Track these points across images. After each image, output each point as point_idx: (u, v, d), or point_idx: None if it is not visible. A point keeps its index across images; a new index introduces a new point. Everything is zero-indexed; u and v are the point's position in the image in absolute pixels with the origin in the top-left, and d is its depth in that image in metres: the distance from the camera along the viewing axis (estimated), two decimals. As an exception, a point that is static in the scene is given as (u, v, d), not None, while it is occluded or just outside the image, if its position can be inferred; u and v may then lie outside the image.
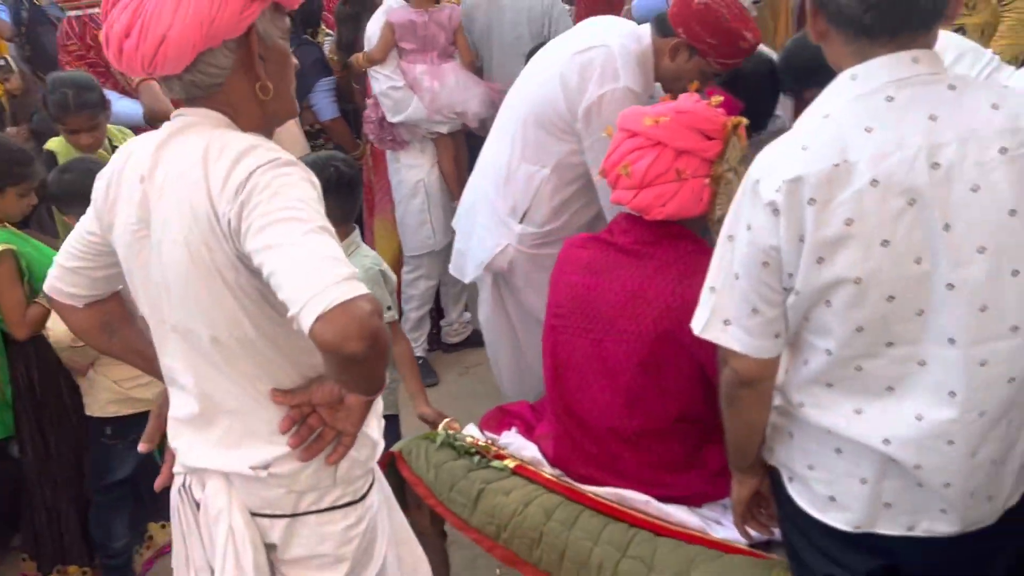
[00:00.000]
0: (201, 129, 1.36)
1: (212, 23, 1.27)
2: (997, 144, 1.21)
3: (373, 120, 3.65)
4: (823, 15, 1.31)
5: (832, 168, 1.23)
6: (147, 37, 1.27)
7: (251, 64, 1.36)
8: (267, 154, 1.29)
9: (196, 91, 1.36)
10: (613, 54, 2.40)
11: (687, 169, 1.95)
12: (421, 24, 3.49)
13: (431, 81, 3.56)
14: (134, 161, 1.42)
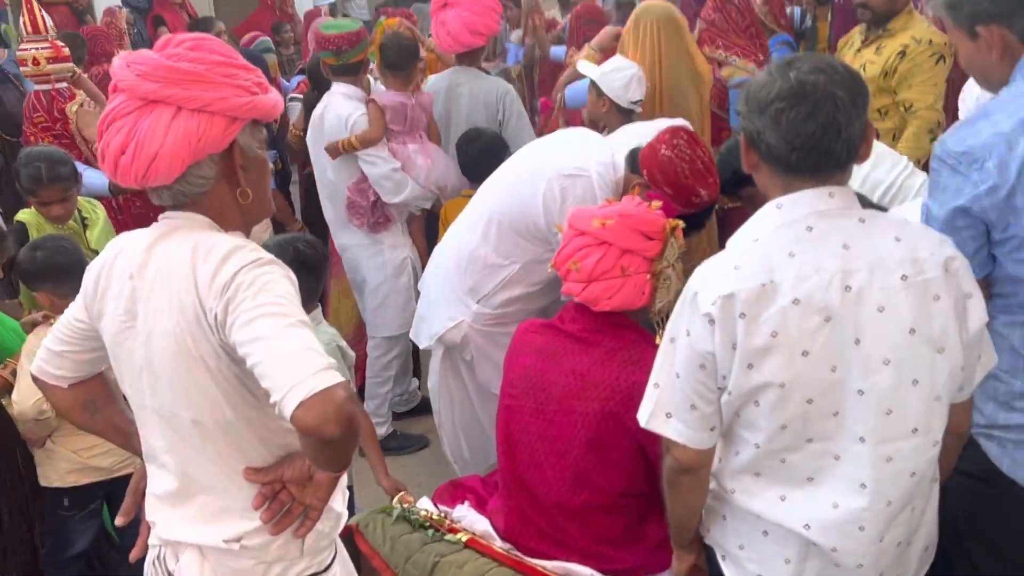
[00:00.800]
0: (188, 231, 1.50)
1: (199, 141, 1.42)
2: (899, 272, 1.42)
3: (363, 205, 3.62)
4: (755, 151, 1.51)
5: (760, 287, 1.42)
6: (140, 155, 1.41)
7: (233, 173, 1.51)
8: (251, 254, 1.44)
9: (183, 198, 1.51)
10: (593, 185, 2.57)
11: (630, 266, 2.13)
12: (410, 106, 3.58)
13: (424, 159, 3.64)
14: (124, 259, 1.54)
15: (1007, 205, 1.59)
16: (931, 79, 3.26)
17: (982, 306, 1.48)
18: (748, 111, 1.50)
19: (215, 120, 1.43)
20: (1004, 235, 1.63)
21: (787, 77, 1.44)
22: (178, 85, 1.40)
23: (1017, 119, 1.59)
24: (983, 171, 1.60)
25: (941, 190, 1.68)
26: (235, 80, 1.45)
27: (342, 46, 3.53)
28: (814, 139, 1.42)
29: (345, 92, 3.61)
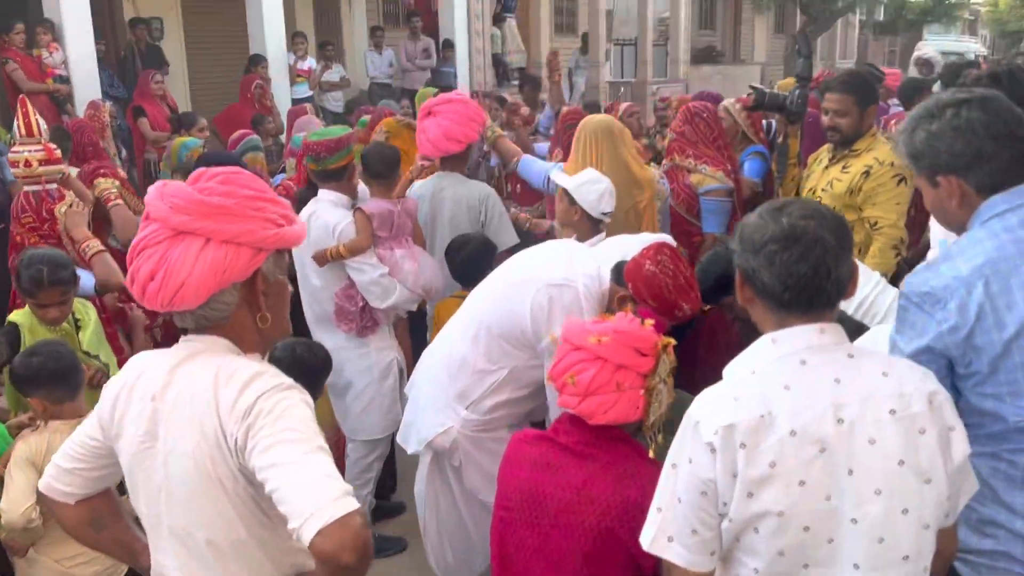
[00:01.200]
0: (210, 355, 1.56)
1: (225, 272, 1.50)
2: (888, 406, 1.53)
3: (352, 311, 3.65)
4: (751, 287, 1.63)
5: (759, 419, 1.51)
6: (169, 282, 1.49)
7: (255, 300, 1.59)
8: (271, 380, 1.50)
9: (205, 322, 1.58)
10: (580, 296, 2.66)
11: (625, 382, 2.22)
12: (396, 213, 3.68)
13: (411, 263, 3.70)
14: (146, 380, 1.60)
15: (968, 344, 1.71)
16: (894, 198, 3.46)
17: (964, 438, 1.58)
18: (743, 250, 1.62)
19: (242, 251, 1.51)
20: (967, 371, 1.74)
21: (779, 222, 1.57)
22: (208, 218, 1.49)
23: (974, 265, 1.72)
24: (945, 311, 1.72)
25: (909, 326, 1.80)
26: (263, 213, 1.54)
27: (320, 153, 3.60)
28: (806, 279, 1.54)
29: (331, 200, 3.67)
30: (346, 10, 12.82)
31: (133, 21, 9.57)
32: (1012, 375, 1.70)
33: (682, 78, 17.32)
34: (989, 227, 1.76)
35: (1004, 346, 1.69)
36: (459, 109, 4.03)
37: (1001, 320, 1.69)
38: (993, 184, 1.77)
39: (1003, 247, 1.72)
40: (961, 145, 1.77)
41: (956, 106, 1.79)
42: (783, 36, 23.83)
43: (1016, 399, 1.71)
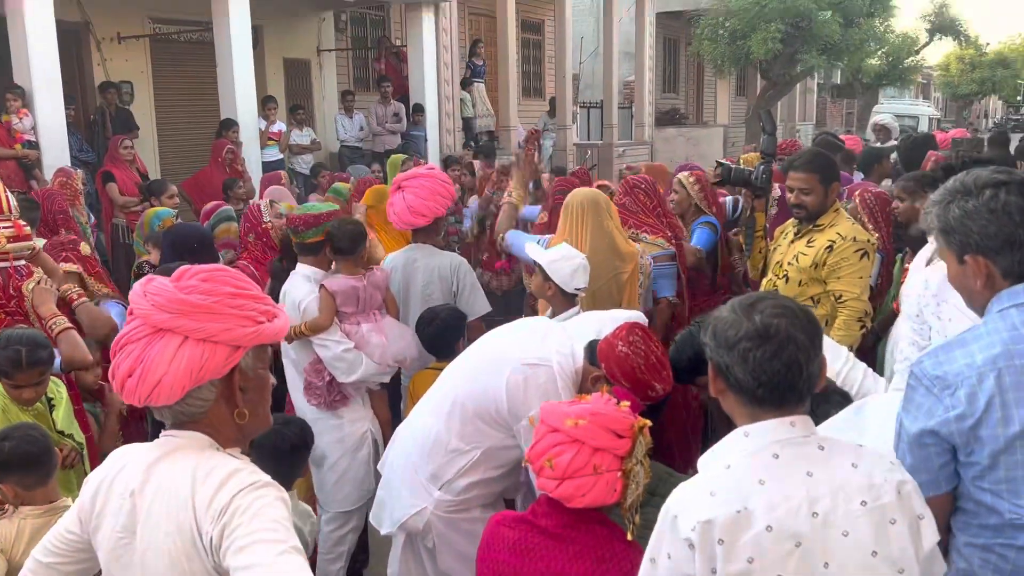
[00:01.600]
0: (188, 451, 1.57)
1: (201, 370, 1.52)
2: (859, 498, 1.57)
3: (319, 386, 3.68)
4: (724, 381, 1.67)
5: (736, 514, 1.55)
6: (146, 379, 1.51)
7: (232, 396, 1.61)
8: (248, 478, 1.51)
9: (183, 417, 1.59)
10: (554, 375, 2.68)
11: (602, 464, 2.24)
12: (361, 288, 3.70)
13: (378, 337, 3.72)
14: (125, 475, 1.60)
15: (972, 434, 1.71)
16: (856, 272, 3.57)
17: (933, 526, 1.63)
18: (716, 345, 1.67)
19: (219, 349, 1.53)
20: (968, 460, 1.74)
21: (752, 319, 1.62)
22: (187, 316, 1.52)
23: (989, 355, 1.71)
24: (954, 398, 1.71)
25: (916, 407, 1.79)
26: (243, 311, 1.57)
27: (299, 227, 3.68)
28: (779, 377, 1.59)
29: (306, 274, 3.72)
30: (317, 74, 13.00)
31: (104, 85, 9.62)
32: (1012, 472, 1.69)
33: (647, 140, 17.71)
34: (1008, 316, 1.74)
35: (1007, 442, 1.68)
36: (425, 184, 4.12)
37: (1009, 415, 1.67)
38: (1020, 272, 1.76)
39: (1019, 340, 1.70)
40: (995, 228, 1.74)
41: (995, 187, 1.76)
42: (744, 99, 24.52)
43: (1014, 496, 1.70)
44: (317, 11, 12.65)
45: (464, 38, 14.28)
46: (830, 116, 29.67)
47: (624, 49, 18.52)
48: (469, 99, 13.37)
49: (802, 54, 18.81)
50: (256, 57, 10.52)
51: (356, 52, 13.80)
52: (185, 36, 11.11)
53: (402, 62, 12.57)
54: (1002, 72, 40.70)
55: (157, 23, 10.78)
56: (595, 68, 19.10)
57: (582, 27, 20.03)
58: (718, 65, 19.73)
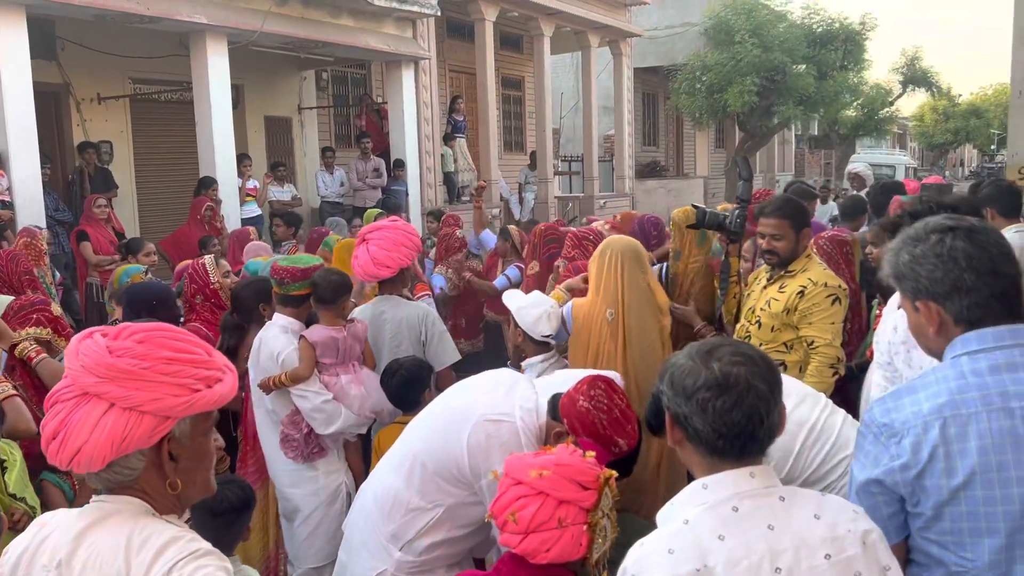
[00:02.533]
0: (122, 518, 1.47)
1: (123, 441, 1.43)
2: (823, 551, 1.51)
3: (297, 438, 3.62)
4: (681, 430, 1.62)
5: (694, 572, 1.48)
6: (67, 445, 1.43)
7: (161, 466, 1.50)
8: (187, 546, 1.43)
9: (113, 484, 1.50)
10: (517, 431, 2.57)
11: (567, 517, 2.17)
12: (341, 339, 3.67)
13: (357, 388, 3.70)
14: (51, 546, 1.50)
15: (917, 483, 1.66)
16: (828, 318, 3.54)
17: None
18: (674, 395, 1.61)
19: (144, 419, 1.44)
20: (915, 510, 1.69)
21: (710, 367, 1.56)
22: (115, 382, 1.43)
23: (935, 404, 1.67)
24: (900, 447, 1.67)
25: (864, 454, 1.75)
26: (177, 378, 1.47)
27: (284, 278, 3.67)
28: (740, 427, 1.54)
29: (283, 325, 3.70)
30: (298, 131, 13.09)
31: (82, 145, 9.63)
32: (957, 524, 1.64)
33: (628, 192, 17.86)
34: (957, 364, 1.70)
35: (951, 492, 1.63)
36: (389, 236, 4.11)
37: (952, 466, 1.63)
38: (970, 318, 1.71)
39: (966, 389, 1.66)
40: (941, 272, 1.72)
41: (942, 232, 1.74)
42: (723, 151, 24.87)
43: (960, 549, 1.65)
44: (298, 70, 12.79)
45: (445, 94, 14.45)
46: (808, 166, 30.10)
47: (604, 104, 18.81)
48: (450, 154, 13.48)
49: (778, 106, 19.19)
50: (237, 115, 10.61)
51: (337, 109, 13.93)
52: (165, 96, 11.18)
53: (383, 119, 12.69)
54: (975, 122, 41.56)
55: (138, 83, 10.86)
56: (575, 123, 19.37)
57: (562, 83, 20.37)
58: (696, 118, 20.07)
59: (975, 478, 1.62)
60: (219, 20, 8.94)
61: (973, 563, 1.64)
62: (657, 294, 3.80)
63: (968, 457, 1.62)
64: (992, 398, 1.64)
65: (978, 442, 1.62)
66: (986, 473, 1.61)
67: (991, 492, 1.61)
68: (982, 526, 1.63)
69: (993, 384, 1.65)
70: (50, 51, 9.55)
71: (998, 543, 1.61)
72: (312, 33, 10.14)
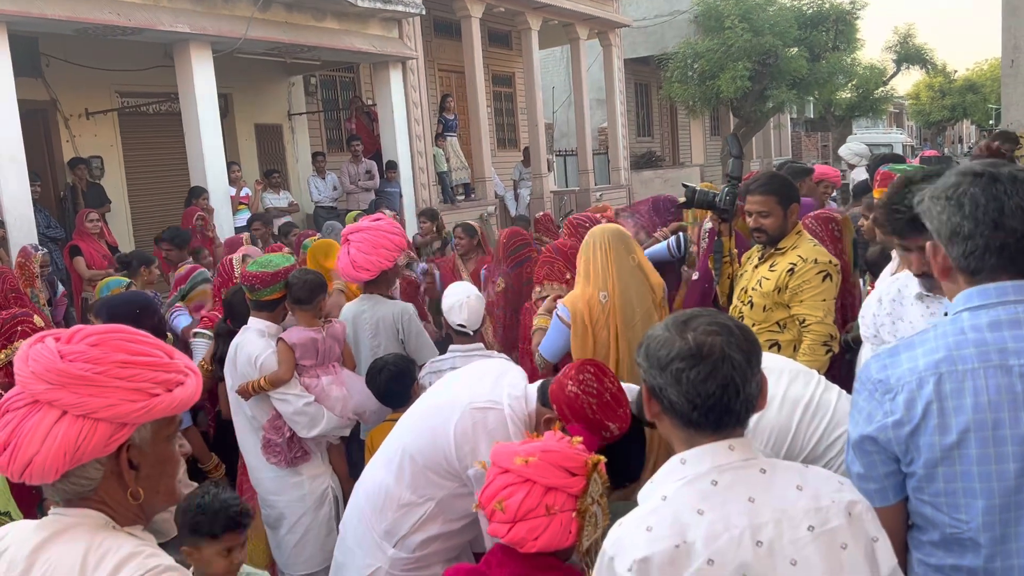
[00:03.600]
0: (79, 532, 1.40)
1: (77, 451, 1.36)
2: (805, 523, 1.46)
3: (279, 443, 3.54)
4: (657, 403, 1.57)
5: (674, 549, 1.43)
6: (17, 457, 1.36)
7: (121, 475, 1.43)
8: (146, 562, 1.35)
9: (70, 495, 1.42)
10: (505, 419, 2.53)
11: (555, 504, 2.12)
12: (320, 340, 3.61)
13: (339, 389, 3.64)
14: (5, 561, 1.43)
15: (910, 441, 1.62)
16: (819, 295, 3.47)
17: (890, 548, 1.51)
18: (649, 366, 1.56)
19: (99, 427, 1.37)
20: (909, 469, 1.65)
21: (685, 337, 1.52)
22: (66, 388, 1.36)
23: (932, 360, 1.62)
24: (894, 403, 1.63)
25: (857, 411, 1.71)
26: (133, 383, 1.40)
27: (255, 284, 3.57)
28: (714, 399, 1.49)
29: (260, 329, 3.62)
30: (289, 137, 13.05)
31: (73, 161, 9.60)
32: (950, 484, 1.60)
33: (624, 183, 17.80)
34: (957, 320, 1.65)
35: (944, 451, 1.59)
36: (368, 238, 4.06)
37: (946, 423, 1.58)
38: (968, 268, 1.66)
39: (964, 345, 1.61)
40: (947, 215, 1.67)
41: (964, 176, 1.68)
42: (719, 138, 24.80)
43: (953, 511, 1.61)
44: (286, 76, 12.75)
45: (435, 94, 14.40)
46: (805, 150, 30.00)
47: (596, 96, 18.76)
48: (442, 154, 13.43)
49: (772, 90, 19.11)
50: (226, 124, 10.58)
51: (328, 114, 13.89)
52: (153, 108, 11.15)
53: (373, 121, 12.64)
54: (971, 97, 41.40)
55: (125, 97, 10.83)
56: (568, 116, 19.31)
57: (552, 77, 20.31)
58: (690, 106, 20.01)
59: (969, 436, 1.57)
60: (202, 28, 8.89)
61: (967, 525, 1.59)
62: (649, 274, 3.77)
63: (962, 414, 1.57)
64: (990, 355, 1.59)
65: (973, 399, 1.57)
66: (981, 431, 1.56)
67: (985, 451, 1.56)
68: (976, 486, 1.58)
69: (992, 340, 1.60)
70: (35, 68, 9.53)
71: (991, 504, 1.56)
72: (297, 37, 10.09)
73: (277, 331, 3.64)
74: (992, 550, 1.58)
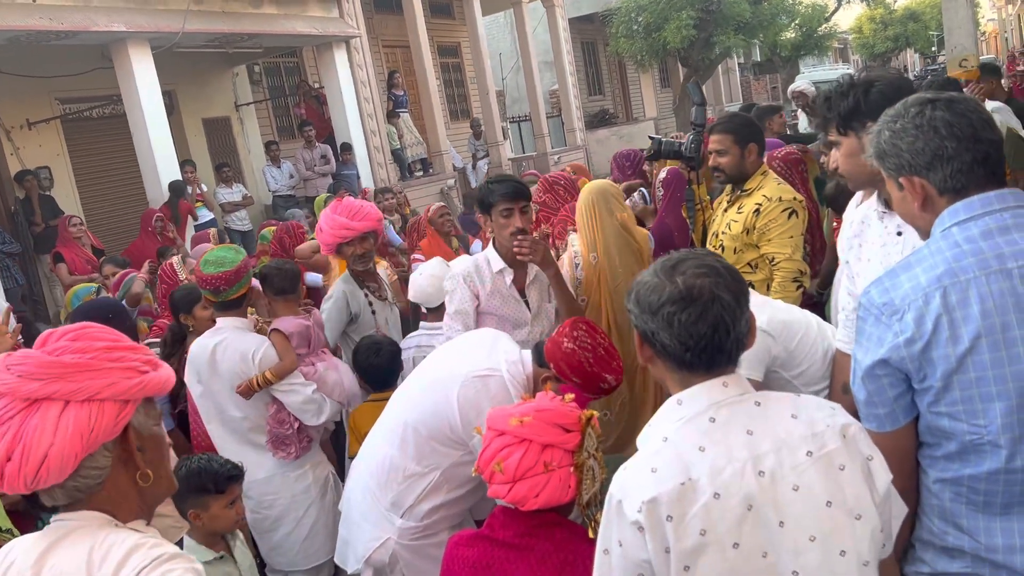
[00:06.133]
0: (82, 534, 1.40)
1: (91, 432, 1.37)
2: (803, 449, 1.49)
3: (288, 435, 3.45)
4: (650, 347, 1.59)
5: (680, 487, 1.46)
6: (29, 459, 1.34)
7: (130, 458, 1.45)
8: (151, 552, 1.36)
9: (78, 494, 1.42)
10: (505, 383, 2.60)
11: (553, 461, 2.15)
12: (311, 327, 3.56)
13: (334, 374, 3.59)
14: (15, 572, 1.41)
15: (923, 357, 1.64)
16: (786, 232, 3.51)
17: (884, 465, 1.55)
18: (640, 312, 1.58)
19: (105, 407, 1.39)
20: (922, 385, 1.67)
21: (674, 281, 1.54)
22: (63, 379, 1.37)
23: (933, 275, 1.65)
24: (903, 322, 1.65)
25: (866, 338, 1.73)
26: (123, 363, 1.43)
27: (219, 286, 3.40)
28: (706, 339, 1.51)
29: (237, 326, 3.50)
30: (239, 129, 12.84)
31: (20, 174, 9.37)
32: (967, 392, 1.62)
33: (580, 144, 17.79)
34: (949, 236, 1.69)
35: (959, 360, 1.61)
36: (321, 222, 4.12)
37: (957, 333, 1.61)
38: (955, 187, 1.70)
39: (962, 257, 1.65)
40: (922, 143, 1.70)
41: (922, 105, 1.73)
42: (670, 90, 24.80)
43: (971, 417, 1.63)
44: (229, 67, 12.51)
45: (381, 71, 14.23)
46: (755, 93, 30.13)
47: (544, 59, 18.65)
48: (395, 131, 13.31)
49: (717, 36, 19.11)
50: (174, 121, 10.37)
51: (275, 101, 13.67)
52: (97, 112, 10.89)
53: (322, 104, 12.48)
54: (913, 26, 41.71)
55: (66, 103, 10.56)
56: (519, 82, 19.18)
57: (499, 44, 20.14)
58: (638, 60, 19.96)
59: (980, 342, 1.60)
60: (138, 26, 8.69)
61: (987, 428, 1.62)
62: (633, 232, 3.82)
63: (972, 322, 1.60)
64: (988, 261, 1.62)
65: (980, 306, 1.60)
66: (991, 335, 1.59)
67: (997, 354, 1.59)
68: (992, 390, 1.60)
69: (988, 248, 1.63)
70: (-31, 82, 9.26)
71: (1009, 405, 1.59)
72: (236, 26, 9.90)
73: (251, 325, 3.57)
74: (1012, 449, 1.61)
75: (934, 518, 1.75)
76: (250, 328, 3.55)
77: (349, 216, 4.00)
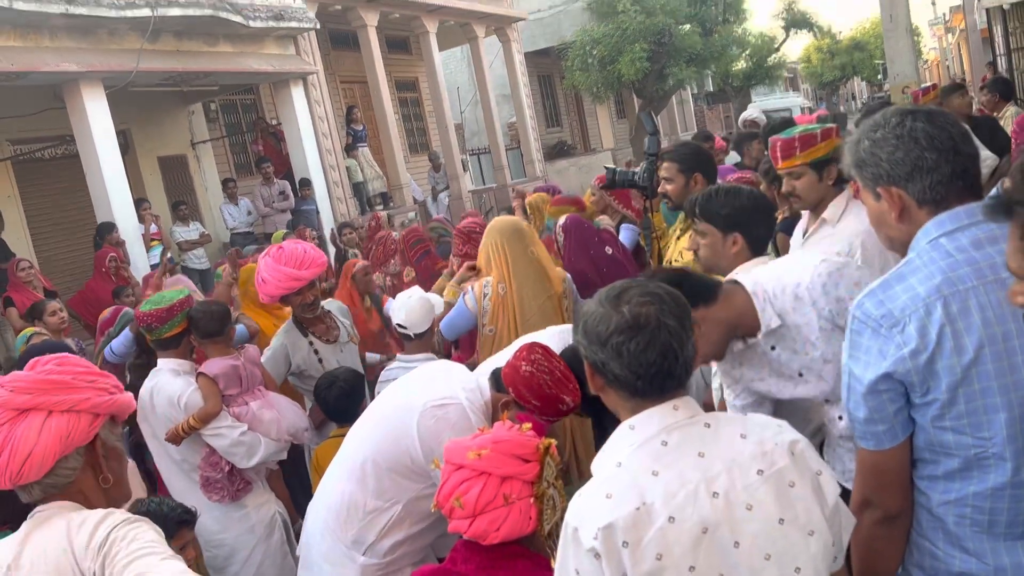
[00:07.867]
0: (60, 516, 1.68)
1: (68, 437, 1.69)
2: (754, 468, 1.52)
3: (219, 478, 3.41)
4: (601, 377, 1.61)
5: (635, 512, 1.47)
6: (16, 456, 1.64)
7: (96, 462, 1.77)
8: (121, 515, 1.67)
9: (52, 489, 1.72)
10: (465, 410, 2.60)
11: (512, 493, 2.14)
12: (241, 366, 3.51)
13: (270, 412, 3.53)
14: None
15: (929, 369, 1.62)
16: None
17: (833, 479, 1.58)
18: (589, 343, 1.60)
19: (82, 417, 1.71)
20: (924, 399, 1.65)
21: (620, 311, 1.56)
22: (48, 393, 1.70)
23: (931, 285, 1.62)
24: (905, 334, 1.62)
25: (864, 352, 1.69)
26: (96, 384, 1.77)
27: (152, 323, 3.41)
28: (656, 366, 1.53)
29: (172, 368, 3.47)
30: (195, 167, 12.74)
31: (-30, 216, 9.18)
32: (972, 403, 1.61)
33: (540, 175, 17.92)
34: (938, 246, 1.66)
35: (964, 371, 1.59)
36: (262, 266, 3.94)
37: (961, 344, 1.59)
38: (935, 198, 1.69)
39: (957, 266, 1.63)
40: (902, 153, 1.69)
41: (902, 116, 1.72)
42: (625, 120, 25.18)
43: (976, 430, 1.62)
44: (184, 105, 12.44)
45: (339, 106, 14.25)
46: (709, 122, 30.73)
47: (501, 92, 18.82)
48: (356, 165, 13.31)
49: (670, 68, 19.48)
50: (128, 160, 10.27)
51: (232, 138, 13.61)
52: (49, 153, 10.75)
53: (280, 141, 12.43)
54: (858, 55, 42.98)
55: (17, 144, 10.41)
56: (477, 115, 19.33)
57: (457, 78, 20.31)
58: (594, 93, 20.26)
59: (984, 352, 1.59)
60: (91, 66, 8.61)
61: (991, 440, 1.61)
62: (548, 267, 3.89)
63: (974, 332, 1.59)
64: (984, 271, 1.61)
65: (981, 315, 1.59)
66: (993, 345, 1.59)
67: (1000, 364, 1.59)
68: (996, 401, 1.59)
69: (981, 258, 1.62)
70: (-83, 124, 9.10)
71: (1012, 416, 1.59)
72: (191, 65, 9.86)
73: (191, 367, 3.52)
74: (1018, 462, 1.60)
75: (939, 542, 1.73)
76: (186, 370, 3.49)
77: (295, 265, 3.82)
